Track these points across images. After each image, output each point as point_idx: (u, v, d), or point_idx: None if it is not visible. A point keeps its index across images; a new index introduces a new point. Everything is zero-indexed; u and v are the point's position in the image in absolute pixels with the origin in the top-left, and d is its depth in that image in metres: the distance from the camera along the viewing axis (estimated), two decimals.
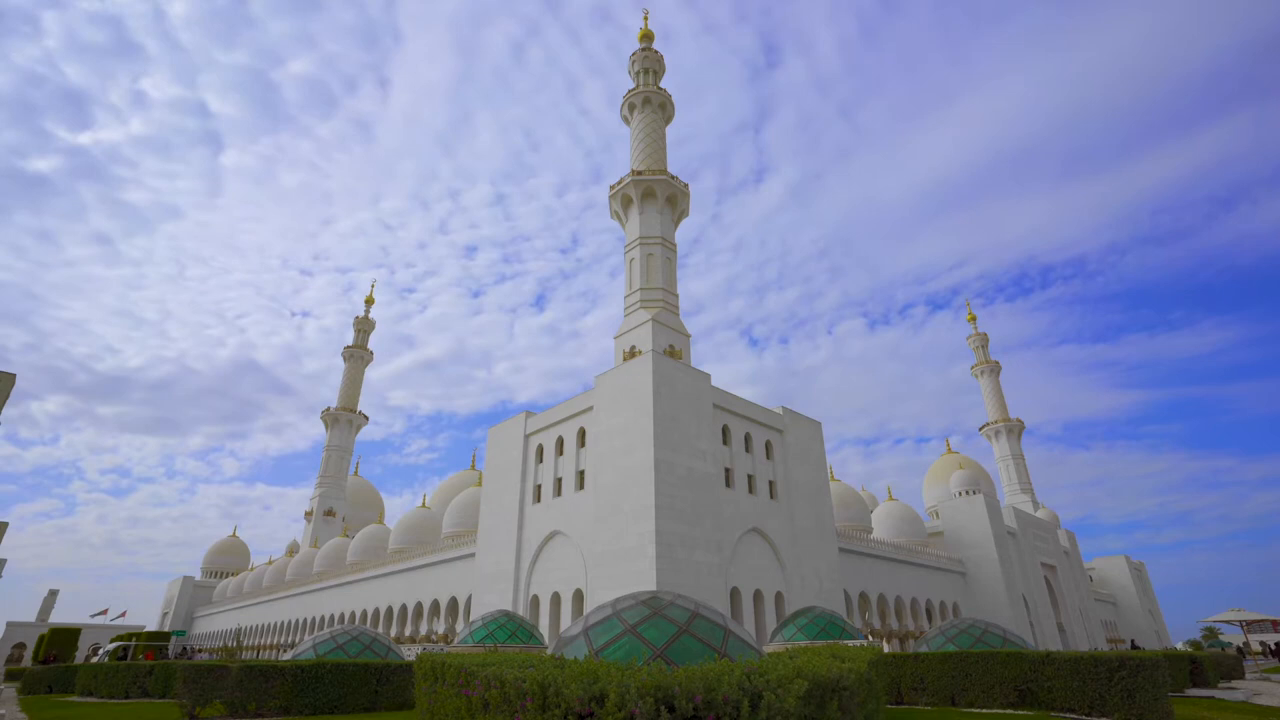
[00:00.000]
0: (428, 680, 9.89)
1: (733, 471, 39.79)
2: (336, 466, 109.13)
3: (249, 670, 17.16)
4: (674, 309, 50.05)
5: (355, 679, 18.03)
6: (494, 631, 27.00)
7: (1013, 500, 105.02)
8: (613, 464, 36.22)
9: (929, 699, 18.97)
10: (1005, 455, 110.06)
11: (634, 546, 32.97)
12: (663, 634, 10.08)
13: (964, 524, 67.38)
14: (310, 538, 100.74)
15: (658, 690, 5.87)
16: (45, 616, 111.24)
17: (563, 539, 39.08)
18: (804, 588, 40.97)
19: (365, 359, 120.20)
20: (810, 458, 46.77)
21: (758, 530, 39.72)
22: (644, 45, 62.32)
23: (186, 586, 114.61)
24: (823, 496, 46.69)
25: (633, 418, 35.90)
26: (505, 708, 6.75)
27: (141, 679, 27.66)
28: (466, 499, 60.24)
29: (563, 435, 42.02)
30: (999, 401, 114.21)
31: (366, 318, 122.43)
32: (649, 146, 57.02)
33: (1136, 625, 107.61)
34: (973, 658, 18.44)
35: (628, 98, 59.57)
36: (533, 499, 42.79)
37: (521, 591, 40.41)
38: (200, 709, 17.29)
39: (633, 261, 51.27)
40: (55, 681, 35.79)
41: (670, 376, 36.91)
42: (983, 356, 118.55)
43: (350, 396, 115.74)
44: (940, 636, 22.02)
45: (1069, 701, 16.52)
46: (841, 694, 7.00)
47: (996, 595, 62.76)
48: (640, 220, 52.17)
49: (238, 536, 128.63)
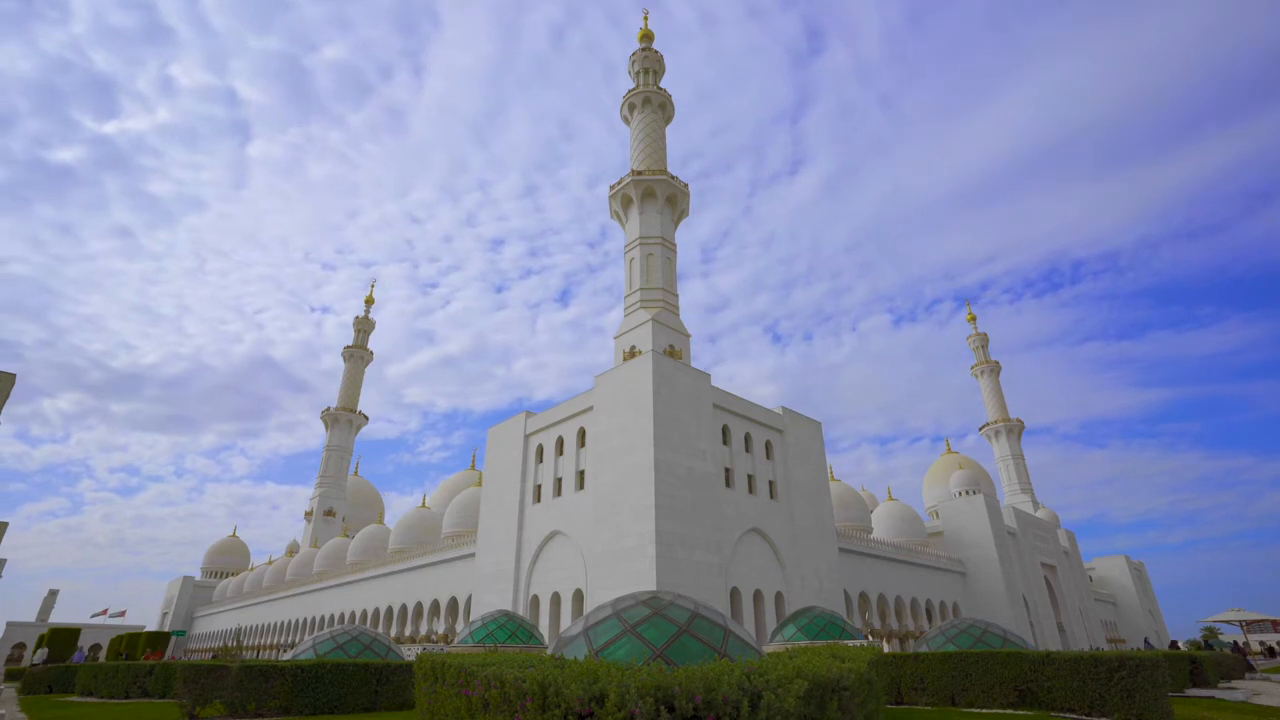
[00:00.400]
0: (428, 680, 9.89)
1: (733, 471, 39.79)
2: (336, 466, 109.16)
3: (249, 670, 17.15)
4: (674, 309, 50.07)
5: (355, 679, 18.02)
6: (494, 631, 26.99)
7: (1013, 500, 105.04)
8: (613, 464, 36.22)
9: (929, 699, 18.97)
10: (1005, 455, 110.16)
11: (634, 546, 32.97)
12: (663, 634, 10.08)
13: (964, 524, 67.39)
14: (310, 538, 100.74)
15: (658, 690, 5.88)
16: (45, 616, 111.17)
17: (563, 539, 39.09)
18: (804, 588, 40.97)
19: (365, 359, 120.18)
20: (810, 458, 46.77)
21: (758, 530, 39.72)
22: (644, 45, 62.31)
23: (186, 587, 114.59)
24: (823, 496, 46.70)
25: (632, 418, 35.91)
26: (505, 708, 6.75)
27: (141, 679, 27.65)
28: (466, 499, 60.24)
29: (563, 435, 42.03)
30: (999, 401, 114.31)
31: (366, 317, 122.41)
32: (649, 146, 57.03)
33: (1136, 625, 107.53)
34: (973, 658, 18.44)
35: (627, 98, 59.58)
36: (533, 499, 42.80)
37: (521, 591, 40.41)
38: (200, 709, 17.29)
39: (633, 261, 51.29)
40: (55, 681, 35.81)
41: (670, 376, 36.92)
42: (983, 356, 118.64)
43: (350, 396, 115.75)
44: (940, 636, 22.01)
45: (1069, 701, 16.52)
46: (841, 694, 7.00)
47: (996, 595, 62.77)
48: (640, 220, 52.19)
49: (238, 536, 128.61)
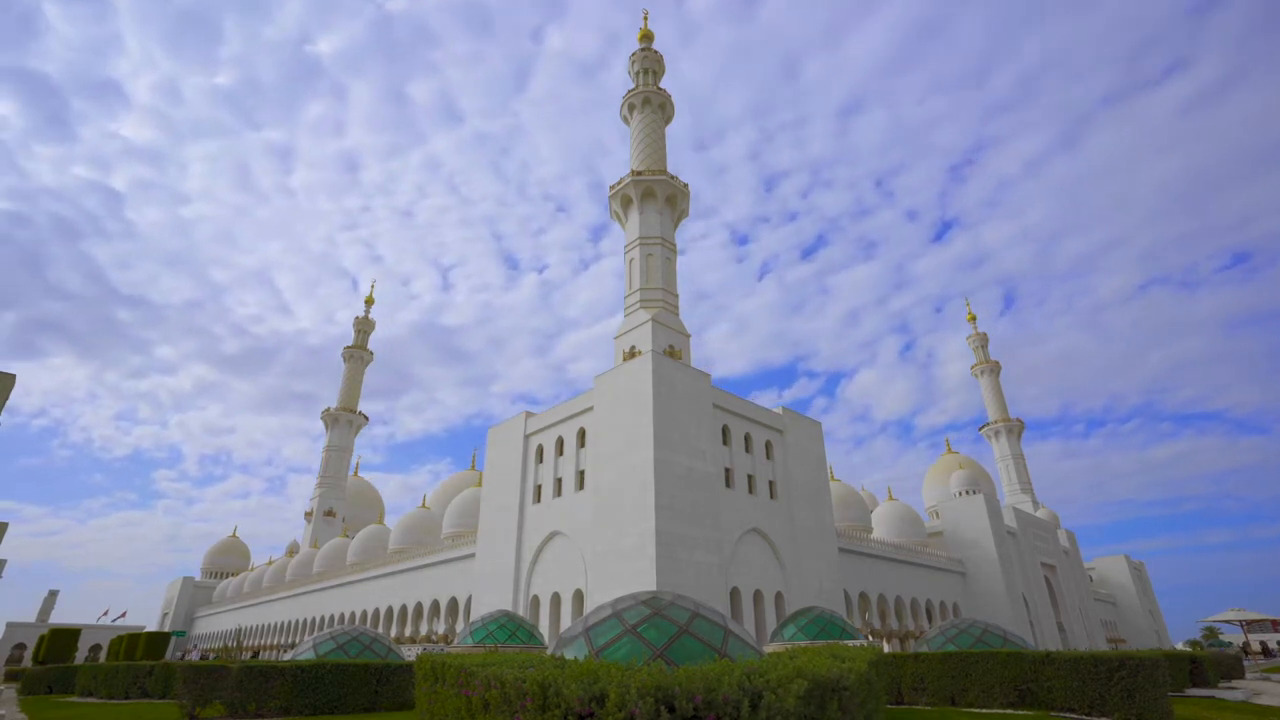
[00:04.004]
0: (428, 680, 9.89)
1: (733, 471, 39.78)
2: (336, 467, 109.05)
3: (249, 671, 17.16)
4: (674, 309, 50.06)
5: (355, 679, 18.03)
6: (494, 632, 27.00)
7: (1013, 500, 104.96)
8: (613, 464, 36.21)
9: (929, 699, 18.97)
10: (1005, 455, 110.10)
11: (634, 547, 32.96)
12: (663, 634, 10.08)
13: (964, 524, 67.36)
14: (310, 538, 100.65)
15: (658, 690, 5.87)
16: (45, 617, 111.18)
17: (563, 539, 39.07)
18: (804, 588, 40.96)
19: (365, 359, 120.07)
20: (810, 458, 46.76)
21: (758, 530, 39.71)
22: (644, 45, 62.29)
23: (187, 587, 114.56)
24: (823, 496, 46.69)
25: (632, 418, 35.90)
26: (505, 708, 6.75)
27: (141, 679, 27.66)
28: (466, 499, 60.22)
29: (563, 435, 42.01)
30: (999, 401, 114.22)
31: (366, 318, 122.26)
32: (649, 147, 57.01)
33: (1136, 625, 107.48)
34: (973, 658, 18.44)
35: (627, 98, 59.55)
36: (533, 499, 42.78)
37: (521, 592, 40.39)
38: (200, 709, 17.29)
39: (632, 261, 51.27)
40: (55, 682, 35.81)
41: (670, 377, 36.91)
42: (983, 356, 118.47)
43: (350, 397, 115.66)
44: (940, 636, 22.03)
45: (1069, 701, 16.52)
46: (841, 694, 7.00)
47: (996, 595, 62.74)
48: (640, 220, 52.18)
49: (237, 537, 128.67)
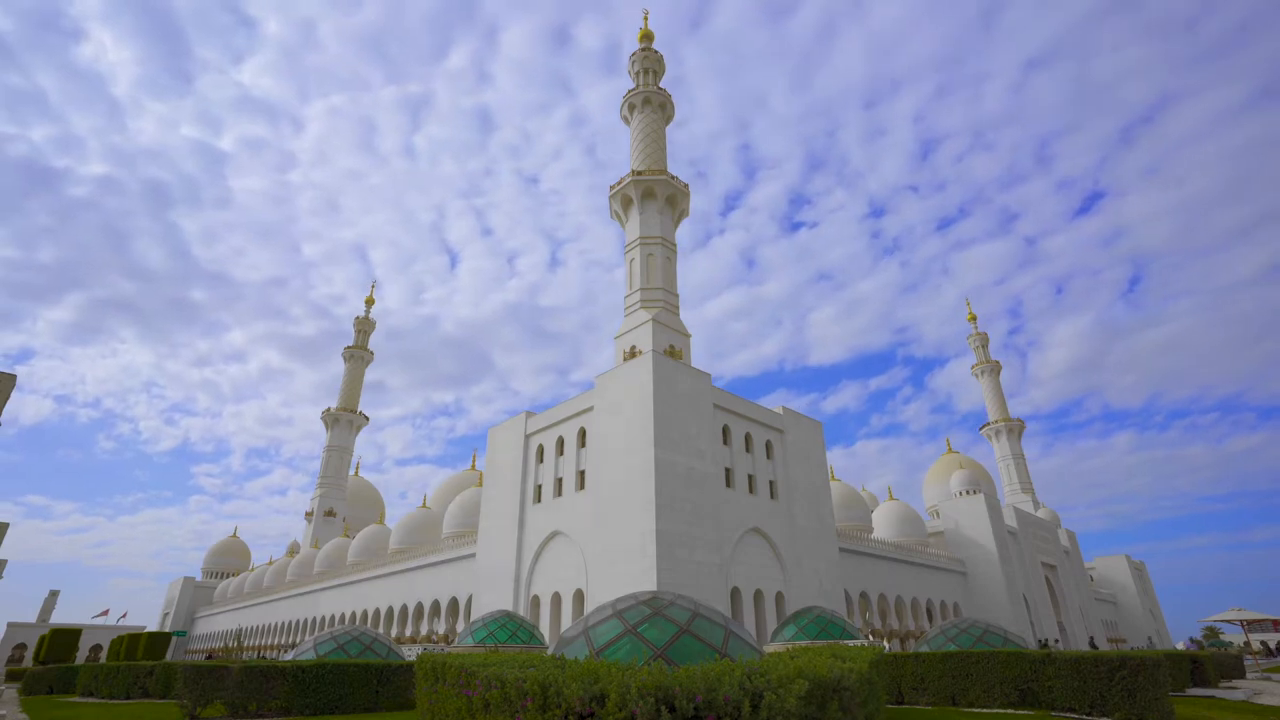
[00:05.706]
0: (428, 680, 9.89)
1: (733, 471, 39.78)
2: (337, 467, 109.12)
3: (250, 671, 17.16)
4: (674, 309, 50.05)
5: (356, 679, 18.03)
6: (494, 631, 27.00)
7: (1013, 500, 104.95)
8: (613, 464, 36.22)
9: (929, 699, 18.97)
10: (1005, 455, 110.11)
11: (634, 546, 32.96)
12: (663, 634, 10.08)
13: (964, 524, 67.35)
14: (310, 538, 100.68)
15: (658, 690, 5.87)
16: (46, 617, 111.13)
17: (563, 539, 39.07)
18: (804, 588, 40.96)
19: (365, 359, 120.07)
20: (810, 458, 46.75)
21: (758, 530, 39.71)
22: (643, 45, 62.28)
23: (187, 587, 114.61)
24: (823, 496, 46.69)
25: (633, 418, 35.90)
26: (506, 708, 6.75)
27: (142, 679, 27.66)
28: (467, 499, 60.18)
29: (563, 435, 42.01)
30: (999, 401, 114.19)
31: (367, 318, 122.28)
32: (649, 146, 57.00)
33: (1137, 625, 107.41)
34: (973, 657, 18.45)
35: (627, 98, 59.54)
36: (533, 499, 42.78)
37: (522, 591, 40.39)
38: (201, 709, 17.29)
39: (633, 261, 51.26)
40: (56, 682, 35.81)
41: (670, 377, 36.91)
42: (983, 356, 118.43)
43: (350, 397, 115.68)
44: (941, 636, 22.04)
45: (1070, 701, 16.51)
46: (842, 694, 7.00)
47: (997, 595, 62.72)
48: (640, 220, 52.17)
49: (238, 537, 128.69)
